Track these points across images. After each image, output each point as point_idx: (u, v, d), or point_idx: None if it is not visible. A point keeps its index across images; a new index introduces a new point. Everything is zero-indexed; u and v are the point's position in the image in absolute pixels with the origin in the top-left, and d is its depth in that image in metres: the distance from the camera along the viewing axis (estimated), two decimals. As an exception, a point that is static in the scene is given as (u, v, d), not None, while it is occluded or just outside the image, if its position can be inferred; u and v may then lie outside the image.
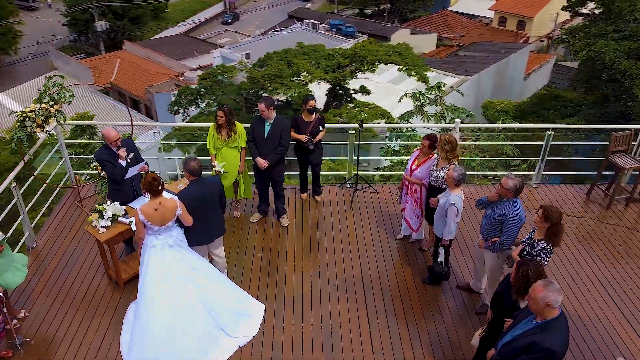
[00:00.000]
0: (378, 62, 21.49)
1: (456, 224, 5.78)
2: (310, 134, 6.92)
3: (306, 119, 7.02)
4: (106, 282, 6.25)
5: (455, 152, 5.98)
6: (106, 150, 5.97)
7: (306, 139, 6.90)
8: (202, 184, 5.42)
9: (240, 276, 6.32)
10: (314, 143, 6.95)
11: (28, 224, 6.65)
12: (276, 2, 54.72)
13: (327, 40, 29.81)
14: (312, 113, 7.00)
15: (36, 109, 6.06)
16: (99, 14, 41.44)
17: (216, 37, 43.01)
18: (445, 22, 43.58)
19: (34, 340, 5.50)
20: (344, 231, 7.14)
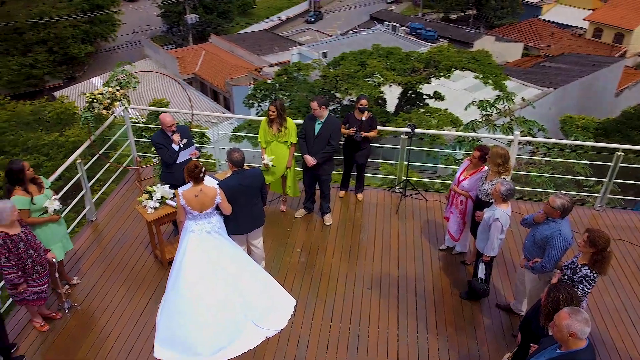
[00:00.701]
0: (454, 69, 20.89)
1: (500, 241, 5.53)
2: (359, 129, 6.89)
3: (357, 116, 7.02)
4: (152, 261, 6.59)
5: (507, 166, 5.72)
6: (162, 134, 6.30)
7: (353, 131, 6.85)
8: (243, 175, 5.56)
9: (277, 269, 6.42)
10: (362, 136, 6.88)
11: (89, 199, 7.15)
12: (360, 3, 54.76)
13: (404, 43, 29.45)
14: (363, 112, 6.97)
15: (103, 92, 6.49)
16: (191, 7, 43.55)
17: (297, 35, 43.75)
18: (535, 30, 41.56)
19: (81, 306, 5.92)
20: (386, 235, 7.05)
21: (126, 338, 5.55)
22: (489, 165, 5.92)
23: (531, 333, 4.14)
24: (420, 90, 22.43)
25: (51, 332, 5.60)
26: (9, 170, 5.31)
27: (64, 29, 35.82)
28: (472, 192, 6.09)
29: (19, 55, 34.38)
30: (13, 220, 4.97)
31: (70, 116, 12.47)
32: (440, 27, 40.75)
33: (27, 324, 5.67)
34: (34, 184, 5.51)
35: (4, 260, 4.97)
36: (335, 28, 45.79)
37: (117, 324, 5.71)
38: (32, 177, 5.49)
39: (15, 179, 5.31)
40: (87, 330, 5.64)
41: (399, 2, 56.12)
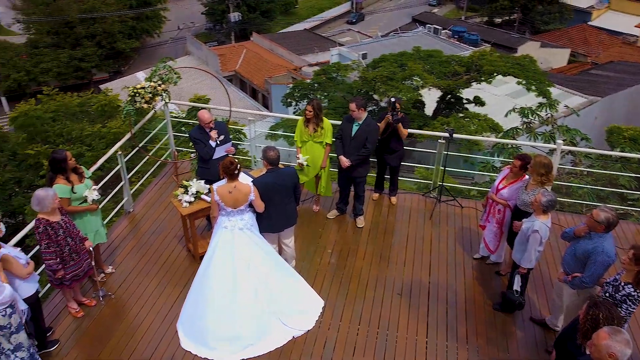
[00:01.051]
0: (496, 74, 20.43)
1: (538, 253, 5.35)
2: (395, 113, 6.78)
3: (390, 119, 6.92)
4: (185, 254, 6.68)
5: (549, 177, 5.53)
6: (200, 130, 6.39)
7: (390, 117, 6.72)
8: (278, 174, 5.57)
9: (307, 269, 6.41)
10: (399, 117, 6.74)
11: (128, 190, 7.32)
12: (403, 4, 54.32)
13: (446, 47, 29.03)
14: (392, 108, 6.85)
15: (146, 87, 6.63)
16: (234, 6, 44.20)
17: (338, 36, 43.76)
18: (583, 37, 40.22)
19: (115, 294, 6.06)
20: (419, 241, 6.94)
21: (156, 329, 5.64)
22: (530, 175, 5.74)
23: (567, 351, 3.97)
24: (460, 94, 22.05)
25: (85, 319, 5.75)
26: (52, 159, 5.48)
27: (112, 24, 36.96)
28: (511, 202, 5.92)
29: (69, 48, 35.68)
30: (54, 208, 5.12)
31: (113, 109, 12.85)
32: (483, 31, 39.99)
33: (63, 309, 5.84)
34: (75, 174, 5.67)
35: (44, 246, 5.14)
36: (376, 29, 45.60)
37: (148, 314, 5.82)
38: (74, 166, 5.65)
39: (58, 168, 5.48)
40: (119, 319, 5.76)
41: (442, 5, 55.38)
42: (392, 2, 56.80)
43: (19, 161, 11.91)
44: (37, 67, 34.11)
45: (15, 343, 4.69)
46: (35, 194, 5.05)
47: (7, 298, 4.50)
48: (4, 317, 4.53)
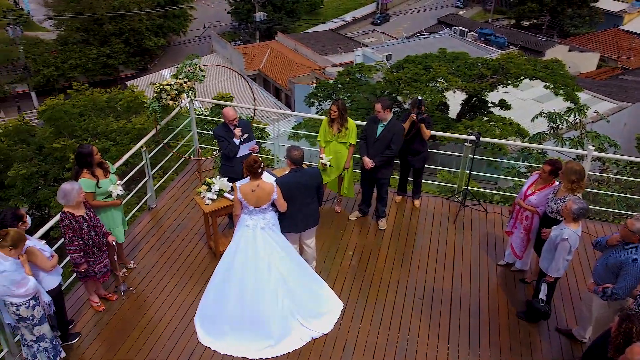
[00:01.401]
0: (523, 77, 20.08)
1: (566, 262, 5.19)
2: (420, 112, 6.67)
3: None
4: (206, 252, 6.68)
5: (581, 184, 5.36)
6: (224, 128, 6.39)
7: (415, 116, 6.61)
8: (301, 174, 5.53)
9: (327, 271, 6.35)
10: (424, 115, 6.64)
11: (151, 186, 7.36)
12: (429, 6, 53.88)
13: (472, 49, 28.64)
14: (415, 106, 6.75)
15: (172, 84, 6.66)
16: (260, 5, 44.41)
17: (363, 37, 43.61)
18: (613, 41, 39.29)
19: (136, 290, 6.09)
20: (442, 245, 6.82)
21: (177, 324, 5.65)
22: (560, 181, 5.58)
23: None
24: (486, 97, 21.74)
25: (107, 313, 5.79)
26: (78, 153, 5.54)
27: (140, 22, 37.49)
28: (539, 208, 5.76)
29: (97, 45, 36.31)
30: (79, 201, 5.17)
31: (139, 105, 13.00)
32: (510, 34, 39.36)
33: (85, 302, 5.90)
34: (100, 168, 5.72)
35: (68, 239, 5.19)
36: (401, 31, 45.29)
37: (169, 310, 5.83)
38: (99, 161, 5.70)
39: (84, 162, 5.53)
40: (140, 314, 5.79)
41: (469, 7, 54.76)
42: (417, 3, 56.41)
43: (45, 155, 12.14)
44: (67, 63, 34.81)
45: (38, 334, 4.75)
46: (61, 188, 5.10)
47: (31, 290, 4.55)
48: (27, 309, 4.59)
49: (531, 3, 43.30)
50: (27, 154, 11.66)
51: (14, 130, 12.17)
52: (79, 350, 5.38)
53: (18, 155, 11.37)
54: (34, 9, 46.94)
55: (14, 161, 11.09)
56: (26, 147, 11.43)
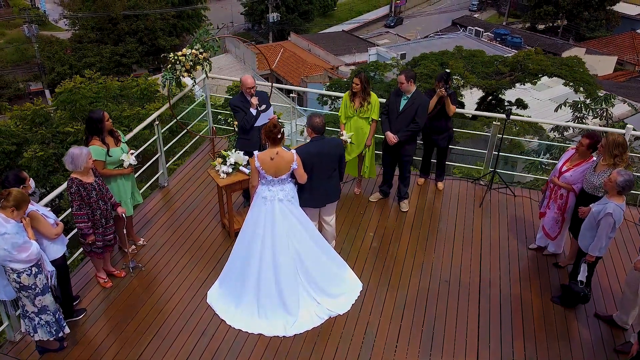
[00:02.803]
0: (541, 75, 19.63)
1: (609, 240, 4.80)
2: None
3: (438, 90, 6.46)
4: (219, 231, 6.36)
5: (624, 157, 4.97)
6: (240, 98, 6.09)
7: (444, 91, 6.25)
8: (323, 143, 5.19)
9: (347, 252, 6.00)
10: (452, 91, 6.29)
11: (163, 163, 7.06)
12: (442, 9, 53.55)
13: (488, 49, 28.15)
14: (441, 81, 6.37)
15: (187, 54, 6.36)
16: (273, 6, 44.36)
17: (376, 38, 43.40)
18: (631, 44, 38.63)
19: (145, 267, 5.78)
20: (467, 228, 6.44)
21: (187, 304, 5.33)
22: (599, 155, 5.20)
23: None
24: (503, 96, 21.29)
25: (114, 289, 5.48)
26: (88, 118, 5.25)
27: (154, 22, 37.53)
28: (575, 185, 5.37)
29: (112, 44, 36.38)
30: (87, 168, 4.87)
31: (152, 93, 12.78)
32: (526, 36, 38.90)
33: (92, 279, 5.60)
34: (111, 136, 5.43)
35: (76, 207, 4.90)
36: (415, 33, 44.97)
37: (178, 290, 5.51)
38: (111, 128, 5.41)
39: (94, 129, 5.24)
40: (148, 292, 5.47)
41: (483, 10, 54.33)
42: (431, 6, 56.09)
43: (60, 140, 11.92)
44: (81, 62, 34.87)
45: (40, 305, 4.43)
46: (69, 152, 4.81)
47: (34, 256, 4.24)
48: (29, 277, 4.28)
49: (547, 6, 42.76)
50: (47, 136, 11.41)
51: (31, 114, 12.01)
52: (84, 327, 5.07)
53: (37, 137, 11.18)
54: (50, 9, 47.33)
55: (30, 144, 10.91)
56: (45, 129, 11.23)
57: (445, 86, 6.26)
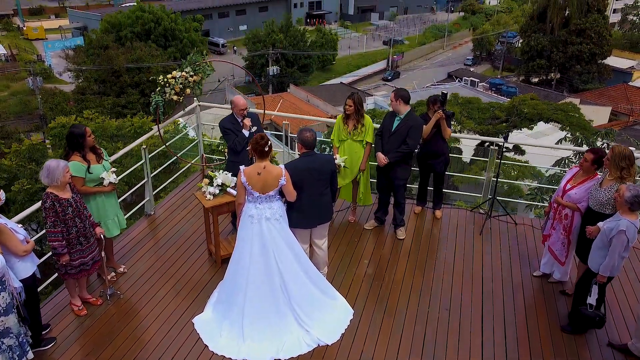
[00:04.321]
0: (538, 120, 19.74)
1: (621, 260, 4.48)
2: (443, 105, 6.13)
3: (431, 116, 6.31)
4: (205, 258, 6.02)
5: (631, 171, 4.72)
6: (231, 119, 5.93)
7: (441, 113, 6.08)
8: (313, 158, 4.95)
9: (340, 278, 5.64)
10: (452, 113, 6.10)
11: (150, 190, 6.80)
12: (439, 63, 54.97)
13: (484, 98, 28.60)
14: (436, 103, 6.23)
15: (176, 77, 6.26)
16: (273, 60, 45.50)
17: (373, 90, 44.21)
18: (624, 95, 39.30)
19: (124, 295, 5.40)
20: (467, 256, 6.09)
21: (165, 334, 4.91)
22: (604, 172, 4.96)
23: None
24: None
25: (88, 317, 5.08)
26: (69, 133, 5.04)
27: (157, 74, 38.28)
28: (581, 204, 5.09)
29: (114, 95, 36.93)
30: (65, 182, 4.62)
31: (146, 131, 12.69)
32: (521, 87, 39.67)
33: (66, 307, 5.21)
34: (93, 153, 5.20)
35: (50, 224, 4.60)
36: (413, 86, 45.86)
37: (157, 318, 5.10)
38: (93, 145, 5.19)
39: (75, 144, 5.02)
40: (125, 321, 5.07)
41: (478, 64, 55.77)
42: (427, 61, 57.61)
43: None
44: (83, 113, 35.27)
45: (2, 327, 4.05)
46: (45, 165, 4.57)
47: (-2, 270, 3.91)
48: (-9, 294, 3.93)
49: (540, 60, 43.87)
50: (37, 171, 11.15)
51: (25, 150, 11.86)
52: (52, 356, 4.64)
53: (27, 172, 10.97)
54: (55, 63, 48.51)
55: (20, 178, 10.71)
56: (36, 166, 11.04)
57: (442, 108, 6.11)
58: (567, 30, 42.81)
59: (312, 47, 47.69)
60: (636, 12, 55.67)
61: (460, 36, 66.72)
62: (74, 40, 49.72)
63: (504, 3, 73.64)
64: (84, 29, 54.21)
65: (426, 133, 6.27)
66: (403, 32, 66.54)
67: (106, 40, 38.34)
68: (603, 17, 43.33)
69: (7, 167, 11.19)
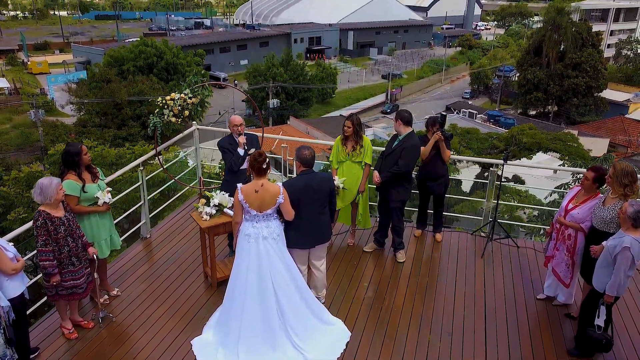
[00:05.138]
0: (536, 149, 19.78)
1: (627, 278, 4.36)
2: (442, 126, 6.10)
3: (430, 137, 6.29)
4: (200, 282, 5.88)
5: (634, 187, 4.65)
6: (229, 139, 5.92)
7: (440, 134, 6.06)
8: (311, 177, 4.89)
9: (339, 302, 5.49)
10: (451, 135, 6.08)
11: (146, 213, 6.72)
12: (437, 97, 55.65)
13: (483, 130, 28.79)
14: (435, 125, 6.21)
15: (175, 98, 6.26)
16: (274, 93, 46.06)
17: (373, 122, 44.55)
18: (621, 127, 39.61)
19: (117, 318, 5.24)
20: (469, 280, 5.96)
21: (157, 358, 4.74)
22: (606, 190, 4.89)
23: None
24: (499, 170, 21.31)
25: (79, 341, 4.91)
26: (65, 151, 5.00)
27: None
28: (584, 224, 4.99)
29: (115, 128, 37.18)
30: (58, 200, 4.54)
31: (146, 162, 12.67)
32: (519, 119, 39.99)
33: (56, 330, 5.05)
34: (88, 172, 5.14)
35: (41, 243, 4.50)
36: (412, 118, 46.23)
37: (150, 342, 4.94)
38: (88, 164, 5.14)
39: (71, 162, 4.97)
40: (117, 344, 4.90)
41: (476, 97, 56.45)
42: (426, 94, 58.34)
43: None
44: (83, 142, 35.45)
45: (-13, 348, 3.90)
46: (38, 182, 4.51)
47: (-16, 287, 3.79)
48: (-23, 312, 3.80)
49: (537, 92, 44.43)
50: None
51: (24, 177, 11.81)
52: (40, 381, 4.47)
53: (24, 201, 10.91)
54: (58, 97, 49.08)
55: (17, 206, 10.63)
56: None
57: (441, 129, 6.09)
58: (563, 64, 43.55)
59: (312, 80, 48.36)
60: (630, 46, 56.71)
61: (458, 70, 67.83)
62: (77, 74, 50.44)
63: (500, 38, 75.17)
64: (87, 63, 55.07)
65: (425, 155, 6.24)
66: (401, 66, 67.70)
67: (109, 74, 38.88)
68: (598, 51, 44.13)
69: (5, 194, 11.13)
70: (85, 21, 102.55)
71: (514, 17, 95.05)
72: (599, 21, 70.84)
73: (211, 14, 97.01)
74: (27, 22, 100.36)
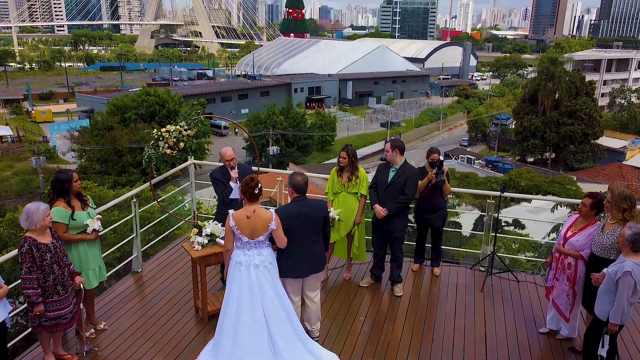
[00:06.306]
0: (535, 192, 19.75)
1: (631, 305, 4.21)
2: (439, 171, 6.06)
3: (429, 170, 6.24)
4: (190, 315, 5.69)
5: (633, 212, 4.57)
6: (222, 171, 5.88)
7: (434, 175, 6.04)
8: (305, 204, 4.82)
9: (334, 335, 5.29)
10: (444, 180, 6.03)
11: (138, 246, 6.59)
12: (435, 144, 56.18)
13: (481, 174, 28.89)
14: (434, 167, 6.19)
15: (170, 130, 6.27)
16: (273, 141, 46.55)
17: (371, 168, 44.75)
18: (619, 173, 39.73)
19: (102, 352, 5.03)
20: (469, 314, 5.76)
21: (144, 393, 4.52)
22: (605, 217, 4.81)
23: None
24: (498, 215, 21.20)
25: (61, 376, 4.69)
26: (55, 178, 4.95)
27: (159, 155, 38.95)
28: (584, 252, 4.88)
29: (115, 174, 37.36)
30: (44, 226, 4.45)
31: (145, 200, 12.66)
32: (517, 166, 40.16)
33: (38, 364, 4.83)
34: (78, 200, 5.07)
35: (25, 270, 4.37)
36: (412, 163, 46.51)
37: (137, 377, 4.73)
38: (78, 191, 5.08)
39: (60, 189, 4.91)
40: (101, 380, 4.69)
41: (474, 145, 57.04)
42: (424, 142, 59.00)
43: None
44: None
45: (-38, 378, 3.71)
46: (25, 208, 4.44)
47: (-37, 312, 3.65)
48: (-46, 339, 3.64)
49: (534, 139, 44.90)
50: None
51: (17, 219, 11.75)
52: (17, 418, 4.23)
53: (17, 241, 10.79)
54: (60, 144, 49.58)
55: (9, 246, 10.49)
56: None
57: (438, 172, 6.08)
58: (559, 112, 44.24)
59: (311, 128, 49.00)
60: (624, 95, 57.87)
61: (456, 119, 68.89)
62: (79, 122, 51.15)
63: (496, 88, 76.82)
64: (90, 111, 56.02)
65: (420, 188, 6.19)
66: (400, 114, 68.84)
67: (111, 122, 39.43)
68: (592, 99, 44.96)
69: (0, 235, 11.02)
70: (90, 72, 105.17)
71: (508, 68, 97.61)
72: (592, 71, 72.71)
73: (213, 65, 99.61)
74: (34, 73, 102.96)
